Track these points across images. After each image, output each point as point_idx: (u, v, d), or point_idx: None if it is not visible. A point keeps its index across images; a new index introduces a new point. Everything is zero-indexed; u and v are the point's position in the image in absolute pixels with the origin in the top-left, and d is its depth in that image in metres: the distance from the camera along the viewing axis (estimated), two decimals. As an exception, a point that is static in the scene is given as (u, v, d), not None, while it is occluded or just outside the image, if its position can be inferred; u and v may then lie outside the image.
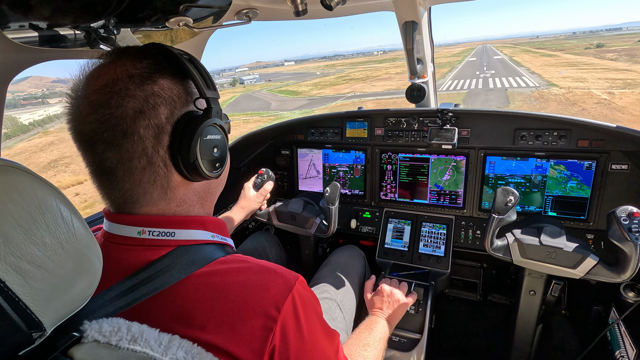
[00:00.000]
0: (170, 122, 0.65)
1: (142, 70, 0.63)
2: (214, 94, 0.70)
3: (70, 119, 0.64)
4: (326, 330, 0.76)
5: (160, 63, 0.66)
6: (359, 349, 1.13)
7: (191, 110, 0.68)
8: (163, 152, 0.65)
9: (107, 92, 0.61)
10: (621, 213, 1.18)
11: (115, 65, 0.63)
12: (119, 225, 0.67)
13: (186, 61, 0.67)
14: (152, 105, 0.62)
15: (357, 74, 60.49)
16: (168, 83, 0.65)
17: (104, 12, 0.86)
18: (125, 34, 1.07)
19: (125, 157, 0.62)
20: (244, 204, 1.65)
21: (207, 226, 0.73)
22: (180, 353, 0.54)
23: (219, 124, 0.71)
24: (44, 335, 0.46)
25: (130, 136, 0.61)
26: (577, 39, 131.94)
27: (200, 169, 0.67)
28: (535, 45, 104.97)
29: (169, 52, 0.67)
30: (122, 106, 0.60)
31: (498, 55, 75.26)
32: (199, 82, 0.67)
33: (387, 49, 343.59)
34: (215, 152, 0.71)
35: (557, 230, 1.37)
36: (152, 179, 0.65)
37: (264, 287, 0.64)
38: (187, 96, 0.68)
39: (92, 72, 0.64)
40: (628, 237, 1.14)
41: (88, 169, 0.66)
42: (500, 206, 1.32)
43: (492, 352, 1.98)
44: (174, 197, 0.69)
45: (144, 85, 0.62)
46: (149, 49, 0.68)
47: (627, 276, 1.19)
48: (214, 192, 0.79)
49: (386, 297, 1.43)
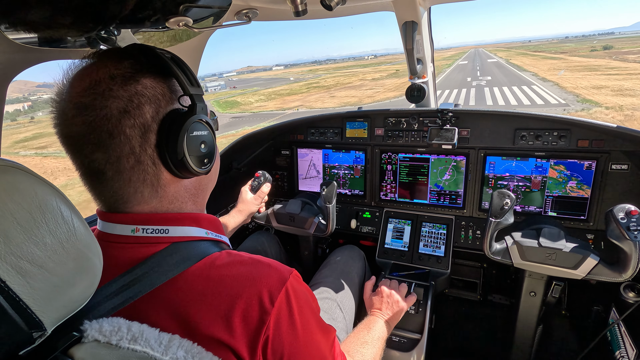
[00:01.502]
0: (156, 120, 0.65)
1: (124, 71, 0.64)
2: (197, 90, 0.70)
3: (57, 123, 0.64)
4: (321, 325, 0.76)
5: (142, 63, 0.66)
6: (357, 346, 1.13)
7: (176, 107, 0.69)
8: (151, 150, 0.65)
9: (90, 94, 0.61)
10: (619, 212, 1.18)
11: (97, 67, 0.64)
12: (112, 224, 0.67)
13: (168, 60, 0.67)
14: (137, 104, 0.63)
15: (329, 80, 54.25)
16: (151, 82, 0.66)
17: (110, 21, 0.86)
18: (125, 34, 1.07)
19: (113, 157, 0.63)
20: (242, 207, 1.65)
21: (201, 223, 0.74)
22: (180, 352, 0.54)
23: (205, 119, 0.72)
24: (44, 335, 0.46)
25: (116, 136, 0.62)
26: (573, 42, 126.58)
27: (188, 165, 0.68)
28: (530, 49, 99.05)
29: (151, 51, 0.68)
30: (106, 107, 0.61)
31: (492, 58, 68.80)
32: (182, 80, 0.68)
33: (379, 54, 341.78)
34: (202, 148, 0.71)
35: (557, 232, 1.37)
36: (141, 178, 0.66)
37: (257, 280, 0.64)
38: (172, 94, 0.69)
39: (75, 75, 0.65)
40: (627, 235, 1.14)
41: (78, 171, 0.67)
42: (496, 209, 1.32)
43: (492, 352, 1.98)
44: (165, 194, 0.70)
45: (127, 85, 0.63)
46: (130, 49, 0.69)
47: (629, 275, 1.18)
48: (205, 189, 0.80)
49: (385, 298, 1.43)
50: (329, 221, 1.67)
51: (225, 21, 1.25)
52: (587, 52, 62.28)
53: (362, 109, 2.11)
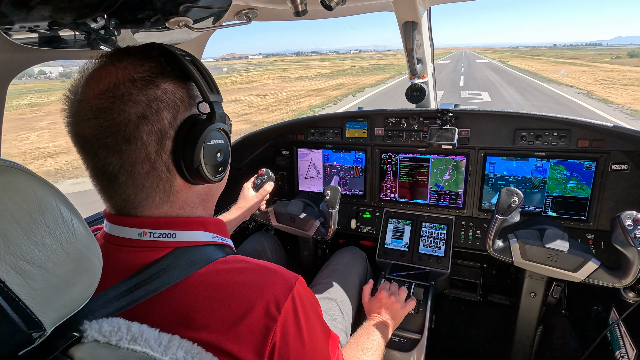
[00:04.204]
0: (173, 126, 0.64)
1: (144, 74, 0.62)
2: (217, 97, 0.69)
3: (70, 121, 0.63)
4: (326, 332, 0.76)
5: (162, 65, 0.65)
6: (357, 353, 1.13)
7: (194, 114, 0.67)
8: (166, 157, 0.64)
9: (109, 97, 0.60)
10: (626, 218, 1.16)
11: (117, 68, 0.62)
12: (120, 227, 0.66)
13: (188, 63, 0.66)
14: (155, 110, 0.62)
15: (266, 74, 41.87)
16: (171, 87, 0.64)
17: (97, 8, 0.84)
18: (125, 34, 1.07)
19: (127, 162, 0.62)
20: (243, 204, 1.65)
21: (209, 227, 0.73)
22: (180, 353, 0.54)
23: (223, 128, 0.70)
24: (44, 335, 0.46)
25: (133, 142, 0.61)
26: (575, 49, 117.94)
27: (203, 174, 0.67)
28: (522, 52, 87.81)
29: (171, 53, 0.66)
30: (124, 112, 0.59)
31: (482, 59, 56.62)
32: (202, 86, 0.66)
33: (365, 49, 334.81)
34: (218, 157, 0.70)
35: (560, 233, 1.36)
36: (154, 184, 0.65)
37: (264, 287, 0.64)
38: (190, 100, 0.67)
39: (92, 74, 0.63)
40: (632, 242, 1.12)
41: (88, 171, 0.66)
42: (503, 207, 1.30)
43: (492, 352, 1.98)
44: (177, 200, 0.69)
45: (147, 90, 0.61)
46: (149, 50, 0.67)
47: (629, 281, 1.18)
48: (215, 193, 0.79)
49: (385, 303, 1.42)
50: (330, 226, 1.66)
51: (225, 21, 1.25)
52: (608, 59, 50.57)
53: (362, 109, 2.11)
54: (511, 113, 1.74)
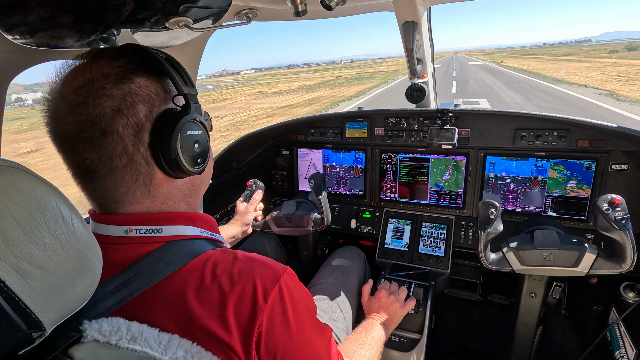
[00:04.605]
0: (149, 119, 0.65)
1: (117, 70, 0.64)
2: (192, 90, 0.70)
3: (49, 121, 0.64)
4: (316, 324, 0.76)
5: (136, 62, 0.66)
6: (354, 347, 1.13)
7: (170, 107, 0.69)
8: (144, 149, 0.65)
9: (83, 92, 0.61)
10: (602, 203, 1.18)
11: (91, 66, 0.64)
12: (105, 226, 0.67)
13: (163, 60, 0.67)
14: (130, 103, 0.63)
15: (247, 90, 40.70)
16: (145, 81, 0.66)
17: (110, 25, 0.86)
18: (125, 34, 1.07)
19: (105, 156, 0.63)
20: (237, 217, 1.65)
21: (195, 222, 0.74)
22: (179, 352, 0.55)
23: (199, 119, 0.72)
24: (43, 335, 0.46)
25: (109, 135, 0.62)
26: (566, 47, 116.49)
27: (182, 165, 0.68)
28: (513, 52, 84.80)
29: (145, 51, 0.68)
30: (99, 105, 0.61)
31: (474, 61, 55.87)
32: (176, 80, 0.68)
33: (357, 59, 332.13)
34: (196, 148, 0.71)
35: (548, 232, 1.34)
36: (134, 177, 0.66)
37: (251, 277, 0.65)
38: (166, 94, 0.69)
39: (68, 73, 0.65)
40: (615, 225, 1.14)
41: (70, 170, 0.67)
42: (483, 220, 1.29)
43: (492, 352, 1.98)
44: (158, 194, 0.69)
45: (121, 84, 0.63)
46: (124, 49, 0.69)
47: (629, 265, 1.18)
48: (198, 189, 0.80)
49: (384, 302, 1.42)
50: (323, 213, 1.66)
51: (225, 21, 1.25)
52: (606, 54, 49.95)
53: (362, 109, 2.11)
54: (511, 113, 1.74)
